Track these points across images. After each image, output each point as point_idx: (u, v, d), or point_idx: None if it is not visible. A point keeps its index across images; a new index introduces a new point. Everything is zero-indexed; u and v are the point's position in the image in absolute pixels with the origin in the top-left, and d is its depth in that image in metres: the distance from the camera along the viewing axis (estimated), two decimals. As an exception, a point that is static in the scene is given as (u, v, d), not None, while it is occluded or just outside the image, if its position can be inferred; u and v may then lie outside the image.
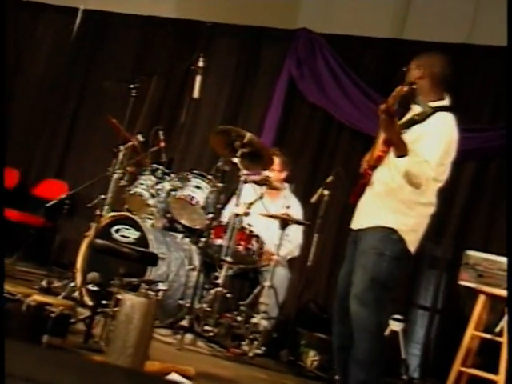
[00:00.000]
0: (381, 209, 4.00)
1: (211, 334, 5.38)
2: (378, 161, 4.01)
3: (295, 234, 6.24)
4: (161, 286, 5.33)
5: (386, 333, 6.11)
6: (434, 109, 3.92)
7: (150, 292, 4.73)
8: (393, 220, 3.95)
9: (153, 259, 4.99)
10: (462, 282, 5.43)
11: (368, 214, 4.05)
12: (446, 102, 4.04)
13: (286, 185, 6.43)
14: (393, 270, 3.94)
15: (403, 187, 3.91)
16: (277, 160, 6.10)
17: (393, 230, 3.95)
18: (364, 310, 3.89)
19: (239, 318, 5.62)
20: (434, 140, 3.89)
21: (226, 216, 6.08)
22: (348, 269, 4.08)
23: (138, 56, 8.60)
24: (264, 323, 5.52)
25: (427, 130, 3.85)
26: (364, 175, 4.09)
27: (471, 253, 5.46)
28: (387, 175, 3.99)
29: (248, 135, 5.65)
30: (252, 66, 8.07)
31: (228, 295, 5.59)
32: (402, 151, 3.79)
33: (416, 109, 4.04)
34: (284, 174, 6.33)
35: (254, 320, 5.54)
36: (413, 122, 3.95)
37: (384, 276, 3.92)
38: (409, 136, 3.86)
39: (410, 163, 3.80)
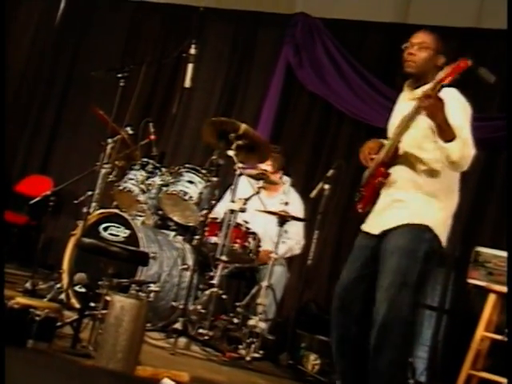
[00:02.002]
0: (407, 206, 3.95)
1: (206, 337, 5.37)
2: (395, 157, 3.96)
3: (295, 230, 6.24)
4: (152, 287, 5.33)
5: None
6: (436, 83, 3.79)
7: (140, 293, 4.73)
8: (424, 216, 3.92)
9: (144, 259, 4.99)
10: (471, 281, 5.43)
11: (392, 213, 3.98)
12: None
13: (287, 178, 6.42)
14: (426, 271, 3.91)
15: (430, 180, 3.91)
16: (269, 161, 6.10)
17: (425, 227, 3.91)
18: (396, 316, 3.82)
19: (236, 320, 5.62)
20: (459, 114, 3.86)
21: (217, 212, 6.09)
22: (355, 274, 4.02)
23: (127, 43, 8.61)
24: (262, 325, 5.53)
25: (446, 104, 3.74)
26: (377, 173, 4.02)
27: (481, 249, 5.46)
28: (408, 170, 3.95)
29: (243, 126, 5.65)
30: (247, 53, 8.08)
31: (223, 296, 5.58)
32: (451, 135, 3.75)
33: (416, 92, 4.00)
34: (278, 175, 6.31)
35: (251, 322, 5.54)
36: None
37: (418, 278, 3.86)
38: (422, 121, 3.84)
39: (462, 147, 3.77)
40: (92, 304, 4.44)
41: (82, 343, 4.18)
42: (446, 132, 3.75)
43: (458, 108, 3.87)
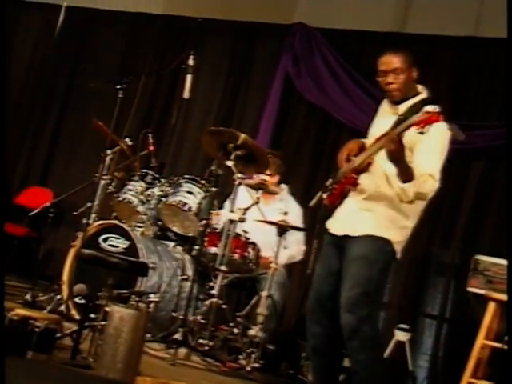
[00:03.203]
0: (375, 217, 4.05)
1: (206, 347, 5.36)
2: (368, 167, 4.03)
3: (295, 238, 6.21)
4: (152, 298, 5.33)
5: (392, 343, 6.14)
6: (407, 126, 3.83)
7: (140, 304, 4.73)
8: (387, 230, 4.03)
9: (143, 269, 5.00)
10: (470, 289, 5.43)
11: (358, 221, 4.09)
12: (425, 95, 4.11)
13: (284, 186, 6.43)
14: (384, 280, 4.12)
15: (410, 203, 3.99)
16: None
17: (387, 241, 4.03)
18: (358, 322, 3.93)
19: (236, 330, 5.62)
20: (434, 147, 3.95)
21: (220, 222, 6.10)
22: (327, 271, 4.15)
23: (125, 55, 8.64)
24: (262, 335, 5.53)
25: (423, 138, 3.81)
26: (347, 179, 4.10)
27: (480, 257, 5.47)
28: (381, 183, 4.04)
29: (242, 136, 5.66)
30: (246, 63, 8.10)
31: (223, 306, 5.57)
32: (410, 176, 3.86)
33: (400, 108, 4.06)
34: (276, 179, 6.33)
35: (251, 332, 5.55)
36: (399, 124, 3.90)
37: (376, 287, 4.03)
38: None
39: (418, 185, 3.88)
40: (92, 315, 4.44)
41: (82, 354, 4.19)
42: (404, 174, 3.86)
43: (432, 149, 3.94)
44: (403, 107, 4.05)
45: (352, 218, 4.13)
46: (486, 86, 6.92)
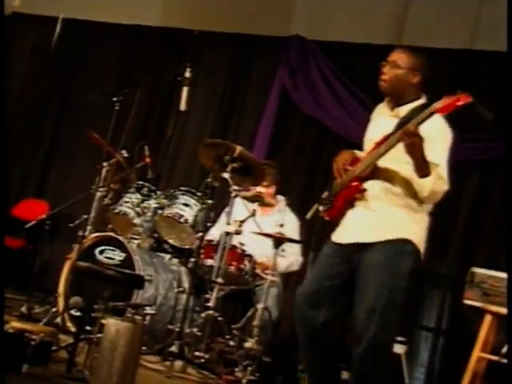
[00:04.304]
0: (387, 220, 3.95)
1: (202, 359, 5.34)
2: (372, 172, 3.98)
3: (292, 250, 6.19)
4: (148, 310, 5.31)
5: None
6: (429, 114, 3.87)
7: (136, 316, 4.71)
8: (406, 230, 3.92)
9: (139, 282, 4.98)
10: (467, 301, 5.42)
11: (372, 227, 3.96)
12: (424, 100, 4.08)
13: (281, 197, 6.42)
14: (410, 287, 3.89)
15: (408, 193, 3.92)
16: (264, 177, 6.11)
17: (406, 241, 3.90)
18: (384, 339, 3.84)
19: (232, 343, 5.60)
20: (440, 149, 3.90)
21: (213, 234, 6.09)
22: (329, 283, 3.99)
23: (122, 67, 8.63)
24: (258, 348, 5.51)
25: (428, 136, 3.79)
26: (352, 188, 4.04)
27: (476, 270, 5.46)
28: (387, 184, 3.96)
29: (238, 149, 5.65)
30: (242, 76, 8.11)
31: (219, 318, 5.56)
32: (428, 170, 3.80)
33: (401, 110, 4.05)
34: (273, 189, 6.32)
35: (247, 344, 5.53)
36: (402, 126, 3.88)
37: (402, 295, 3.87)
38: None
39: (433, 182, 3.82)
40: (87, 328, 4.43)
41: (78, 367, 4.16)
42: (422, 168, 3.80)
43: (439, 143, 3.91)
44: (404, 110, 4.03)
45: (362, 225, 4.01)
46: (480, 98, 6.91)
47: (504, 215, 6.45)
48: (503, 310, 5.32)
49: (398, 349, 5.87)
